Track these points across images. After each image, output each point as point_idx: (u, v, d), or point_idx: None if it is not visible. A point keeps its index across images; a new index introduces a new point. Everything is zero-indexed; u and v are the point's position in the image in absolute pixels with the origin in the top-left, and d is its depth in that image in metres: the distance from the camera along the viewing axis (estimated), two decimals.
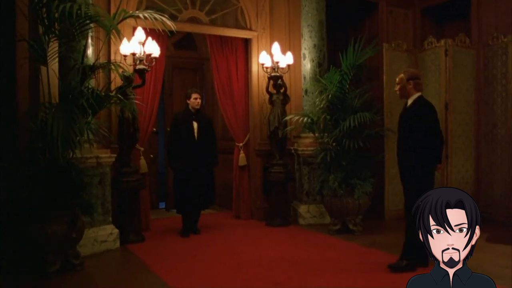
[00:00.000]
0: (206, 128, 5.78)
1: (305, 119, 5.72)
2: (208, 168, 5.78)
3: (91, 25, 4.89)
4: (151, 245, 5.33)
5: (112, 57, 5.61)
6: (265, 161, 6.54)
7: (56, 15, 4.01)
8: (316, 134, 5.85)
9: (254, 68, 6.54)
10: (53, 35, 4.22)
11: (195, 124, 5.69)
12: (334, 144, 5.68)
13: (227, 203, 7.35)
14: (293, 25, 6.77)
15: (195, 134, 5.68)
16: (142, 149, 5.94)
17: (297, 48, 6.63)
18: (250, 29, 6.57)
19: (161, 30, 4.87)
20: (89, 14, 3.94)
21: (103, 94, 4.20)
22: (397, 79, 4.35)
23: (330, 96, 5.55)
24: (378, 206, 6.39)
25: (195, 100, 5.72)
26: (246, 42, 6.68)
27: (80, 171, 4.54)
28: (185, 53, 7.80)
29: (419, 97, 4.23)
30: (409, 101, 4.27)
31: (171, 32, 7.50)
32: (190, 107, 5.76)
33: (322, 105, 5.67)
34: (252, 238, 5.63)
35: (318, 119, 5.80)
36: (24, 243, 4.09)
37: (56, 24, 4.16)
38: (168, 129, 7.57)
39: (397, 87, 4.34)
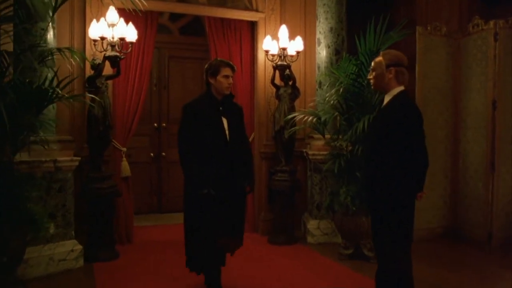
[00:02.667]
0: (239, 124, 3.61)
1: (311, 118, 4.68)
2: (243, 188, 3.61)
3: None
4: (122, 264, 4.52)
5: (88, 43, 4.82)
6: (272, 165, 5.57)
7: None
8: (327, 136, 4.80)
9: (261, 56, 5.55)
10: None
11: (224, 121, 3.47)
12: (350, 148, 4.63)
13: None
14: (309, 5, 5.72)
15: (227, 135, 3.45)
16: (124, 149, 5.13)
17: (313, 33, 5.58)
18: (256, 10, 5.58)
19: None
20: None
21: (33, 88, 3.37)
22: (372, 64, 3.16)
23: (341, 90, 4.49)
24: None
25: (225, 80, 3.41)
26: (253, 26, 5.71)
27: (22, 178, 3.78)
28: (192, 40, 6.89)
29: (400, 94, 3.01)
30: (387, 98, 3.08)
31: (177, 15, 6.81)
32: (213, 92, 3.47)
33: (332, 102, 4.61)
34: (245, 260, 4.63)
35: (330, 117, 4.76)
36: None
37: None
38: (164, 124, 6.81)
39: (371, 75, 3.13)
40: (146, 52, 5.22)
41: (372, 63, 3.12)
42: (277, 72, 5.34)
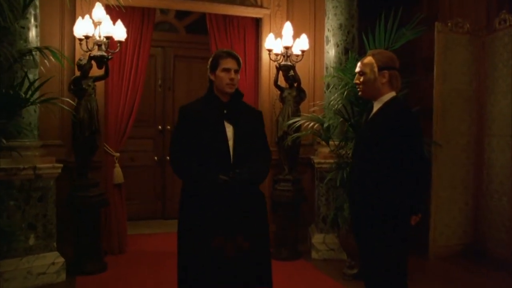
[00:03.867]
0: (252, 133, 2.77)
1: (312, 124, 4.26)
2: (259, 212, 2.79)
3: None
4: (109, 277, 4.23)
5: (78, 43, 4.55)
6: (276, 173, 5.17)
7: None
8: (331, 143, 4.36)
9: (265, 55, 5.14)
10: None
11: (228, 128, 2.69)
12: None
13: None
14: (320, 0, 5.28)
15: (229, 148, 2.67)
16: (117, 155, 4.84)
17: (323, 30, 5.15)
18: (261, 6, 5.20)
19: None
20: None
21: None
22: (359, 65, 2.68)
23: (345, 93, 4.06)
24: (420, 238, 4.78)
25: (225, 75, 2.67)
26: (258, 23, 5.32)
27: None
28: (200, 38, 6.51)
29: (393, 99, 2.59)
30: (377, 105, 2.64)
31: (183, 13, 6.48)
32: (215, 91, 2.74)
33: (336, 106, 4.19)
34: None
35: (336, 123, 4.34)
36: None
37: None
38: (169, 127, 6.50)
39: (359, 79, 2.66)
40: (142, 51, 4.90)
41: (359, 65, 2.68)
42: (281, 73, 4.93)
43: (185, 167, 2.69)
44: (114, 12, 4.46)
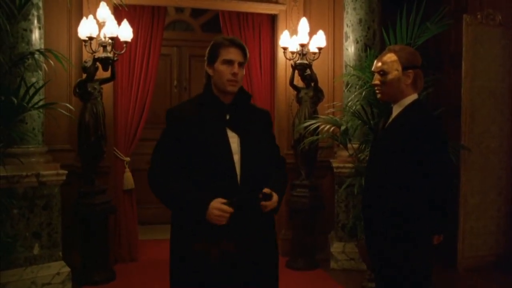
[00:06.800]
0: (260, 142, 2.19)
1: (328, 127, 3.99)
2: (270, 244, 2.34)
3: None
4: (117, 287, 4.09)
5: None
6: (293, 178, 4.90)
7: None
8: (349, 146, 4.07)
9: (281, 54, 4.86)
10: None
11: (233, 139, 2.12)
12: None
13: None
14: None
15: (234, 164, 2.09)
16: (127, 159, 4.68)
17: (343, 27, 4.86)
18: (276, 2, 4.94)
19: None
20: None
21: None
22: (377, 64, 2.39)
23: (364, 93, 3.77)
24: (448, 249, 4.44)
25: (227, 69, 2.12)
26: (274, 20, 5.07)
27: None
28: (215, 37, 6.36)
29: (415, 103, 2.34)
30: (396, 109, 2.37)
31: (199, 11, 6.29)
32: (214, 90, 2.17)
33: (354, 107, 3.90)
34: None
35: (356, 126, 4.06)
36: None
37: None
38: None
39: (379, 79, 2.37)
40: (153, 52, 4.72)
41: (378, 63, 2.40)
42: (297, 72, 4.67)
43: (168, 186, 2.16)
44: (123, 12, 4.32)
